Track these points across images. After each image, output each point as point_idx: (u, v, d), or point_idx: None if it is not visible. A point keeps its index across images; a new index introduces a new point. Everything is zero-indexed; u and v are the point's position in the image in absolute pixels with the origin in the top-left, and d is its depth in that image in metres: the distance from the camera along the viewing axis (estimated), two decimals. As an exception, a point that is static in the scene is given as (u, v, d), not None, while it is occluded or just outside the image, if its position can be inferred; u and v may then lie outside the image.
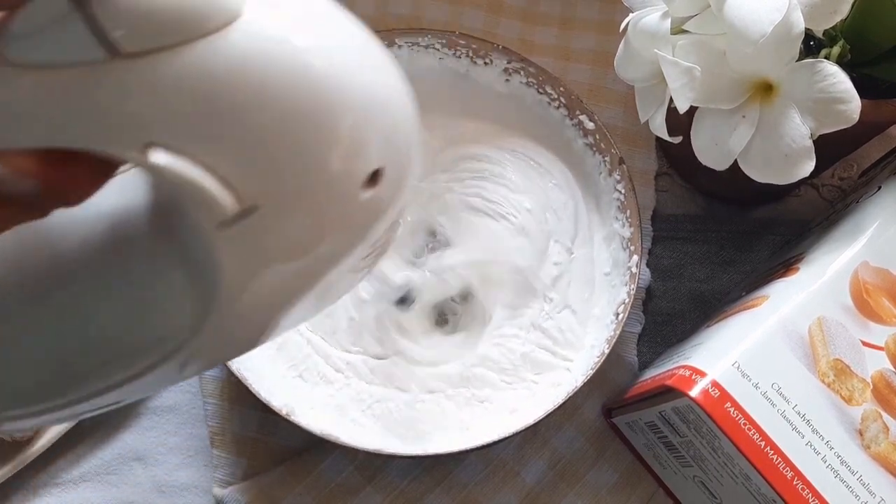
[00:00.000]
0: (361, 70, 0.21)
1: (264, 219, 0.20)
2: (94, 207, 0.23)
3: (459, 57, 0.46)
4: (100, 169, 0.20)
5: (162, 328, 0.23)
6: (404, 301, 0.41)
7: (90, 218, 0.23)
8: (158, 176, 0.19)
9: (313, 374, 0.42)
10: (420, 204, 0.45)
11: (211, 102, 0.18)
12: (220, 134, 0.18)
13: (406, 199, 0.24)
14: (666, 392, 0.36)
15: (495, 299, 0.43)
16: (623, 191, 0.43)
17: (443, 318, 0.44)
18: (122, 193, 0.24)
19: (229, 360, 0.26)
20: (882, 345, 0.36)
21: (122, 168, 0.22)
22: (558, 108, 0.46)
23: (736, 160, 0.36)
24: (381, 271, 0.37)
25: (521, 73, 0.46)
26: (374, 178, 0.21)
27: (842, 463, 0.33)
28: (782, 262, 0.42)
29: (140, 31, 0.16)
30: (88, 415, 0.26)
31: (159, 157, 0.18)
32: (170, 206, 0.23)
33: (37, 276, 0.23)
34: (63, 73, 0.16)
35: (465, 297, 0.44)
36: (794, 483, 0.33)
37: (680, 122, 0.38)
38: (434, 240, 0.45)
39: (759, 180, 0.36)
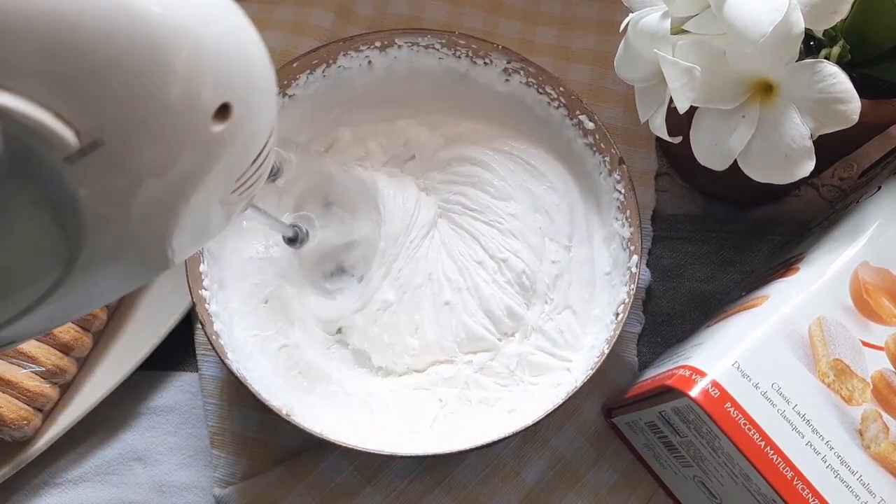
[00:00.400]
0: (197, 8, 0.22)
1: (113, 151, 0.21)
2: None
3: (459, 57, 0.46)
4: None
5: (31, 270, 0.24)
6: (294, 240, 0.40)
7: None
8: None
9: (313, 372, 0.42)
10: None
11: (40, 40, 0.18)
12: (52, 71, 0.19)
13: (265, 138, 0.25)
14: (666, 392, 0.36)
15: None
16: (623, 191, 0.43)
17: (339, 268, 0.44)
18: None
19: (121, 293, 0.27)
20: (882, 345, 0.36)
21: None
22: (558, 108, 0.46)
23: (736, 160, 0.36)
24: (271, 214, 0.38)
25: (521, 73, 0.46)
26: (223, 112, 0.23)
27: (842, 463, 0.33)
28: (782, 262, 0.42)
29: None
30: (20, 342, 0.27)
31: None
32: (16, 147, 0.23)
33: None
34: None
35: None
36: (794, 483, 0.33)
37: (680, 122, 0.38)
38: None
39: (759, 180, 0.36)
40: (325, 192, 0.45)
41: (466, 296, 0.43)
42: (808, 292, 0.36)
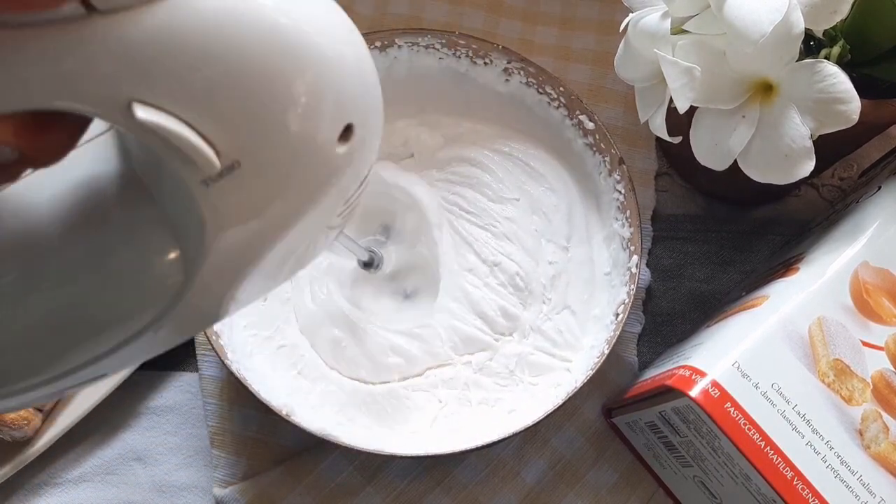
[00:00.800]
0: (329, 28, 0.22)
1: (246, 173, 0.21)
2: (63, 176, 0.24)
3: (459, 57, 0.46)
4: (74, 131, 0.20)
5: (144, 294, 0.24)
6: (370, 265, 0.41)
7: (60, 187, 0.24)
8: (142, 133, 0.19)
9: (312, 372, 0.42)
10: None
11: (187, 58, 0.19)
12: (196, 90, 0.19)
13: (374, 159, 0.25)
14: (666, 392, 0.36)
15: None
16: (623, 191, 0.43)
17: (400, 289, 0.45)
18: (91, 162, 0.24)
19: (221, 318, 0.27)
20: (882, 345, 0.36)
21: (87, 137, 0.23)
22: (558, 108, 0.46)
23: (736, 160, 0.36)
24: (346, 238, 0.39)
25: (521, 73, 0.46)
26: (347, 133, 0.23)
27: (842, 463, 0.33)
28: (782, 262, 0.42)
29: None
30: (71, 390, 0.26)
31: (145, 113, 0.18)
32: (148, 167, 0.23)
33: (8, 249, 0.23)
34: (45, 31, 0.17)
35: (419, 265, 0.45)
36: (794, 483, 0.33)
37: (680, 122, 0.38)
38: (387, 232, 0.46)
39: (759, 180, 0.36)
40: (381, 215, 0.46)
41: (454, 305, 0.43)
42: (808, 292, 0.36)
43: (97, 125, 0.21)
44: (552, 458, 0.43)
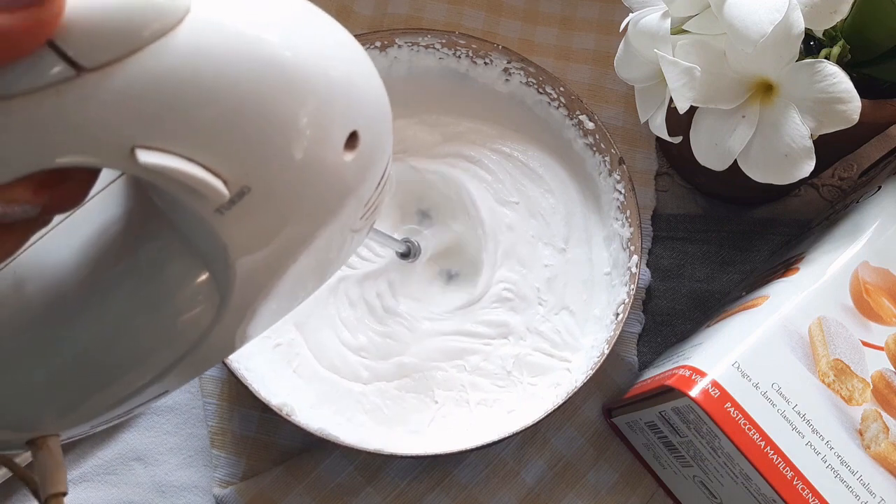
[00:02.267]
0: (316, 40, 0.22)
1: (259, 195, 0.21)
2: (84, 226, 0.24)
3: (459, 57, 0.46)
4: (88, 178, 0.21)
5: (182, 316, 0.25)
6: (407, 255, 0.43)
7: (83, 237, 0.25)
8: (149, 176, 0.20)
9: (308, 371, 0.42)
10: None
11: (179, 98, 0.19)
12: (195, 128, 0.19)
13: (389, 160, 0.26)
14: (666, 392, 0.36)
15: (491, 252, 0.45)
16: (623, 191, 0.43)
17: (444, 273, 0.46)
18: (111, 206, 0.25)
19: (258, 333, 0.28)
20: (882, 345, 0.36)
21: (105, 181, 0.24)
22: (558, 108, 0.46)
23: (736, 160, 0.36)
24: (380, 232, 0.40)
25: (521, 73, 0.46)
26: (352, 141, 0.23)
27: (842, 463, 0.33)
28: (782, 262, 0.42)
29: (94, 47, 0.18)
30: (139, 409, 0.28)
31: (148, 157, 0.19)
32: (165, 200, 0.24)
33: (40, 309, 0.24)
34: (41, 97, 0.17)
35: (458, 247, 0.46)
36: (794, 483, 0.33)
37: (680, 122, 0.38)
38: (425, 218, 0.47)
39: (759, 180, 0.36)
40: (417, 201, 0.47)
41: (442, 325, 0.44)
42: (808, 292, 0.36)
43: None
44: (552, 458, 0.43)
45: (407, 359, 0.42)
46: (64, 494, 0.25)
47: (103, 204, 0.25)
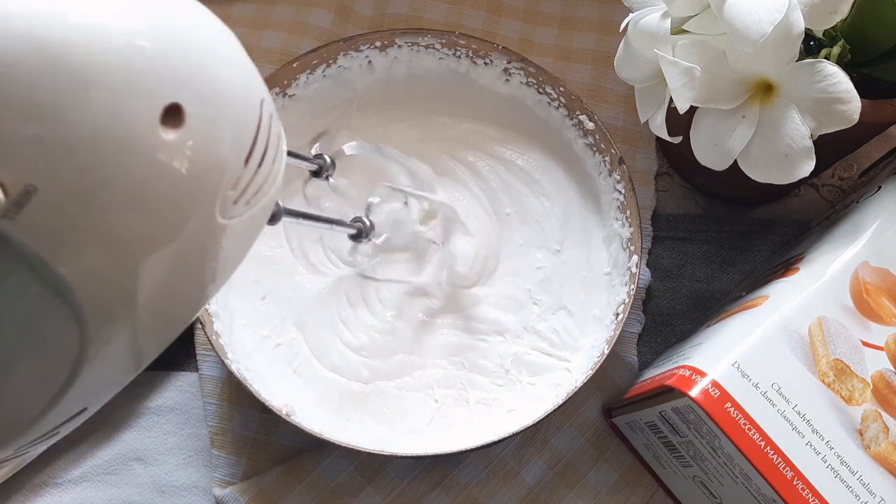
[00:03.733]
0: (102, 14, 0.19)
1: (52, 192, 0.19)
2: None
3: (459, 57, 0.46)
4: None
5: (49, 349, 0.22)
6: (359, 236, 0.39)
7: None
8: None
9: (308, 371, 0.42)
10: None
11: None
12: None
13: (250, 132, 0.22)
14: (666, 392, 0.36)
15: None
16: (623, 191, 0.43)
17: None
18: None
19: (166, 340, 0.25)
20: (882, 345, 0.36)
21: None
22: (558, 108, 0.46)
23: (736, 160, 0.36)
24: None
25: (521, 73, 0.46)
26: (174, 115, 0.20)
27: (842, 463, 0.33)
28: (782, 262, 0.42)
29: None
30: (64, 432, 0.26)
31: None
32: None
33: None
34: None
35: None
36: (794, 483, 0.33)
37: (680, 122, 0.38)
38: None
39: (759, 180, 0.36)
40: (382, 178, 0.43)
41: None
42: (808, 292, 0.36)
43: None
44: (552, 458, 0.43)
45: (407, 356, 0.42)
46: None
47: None
